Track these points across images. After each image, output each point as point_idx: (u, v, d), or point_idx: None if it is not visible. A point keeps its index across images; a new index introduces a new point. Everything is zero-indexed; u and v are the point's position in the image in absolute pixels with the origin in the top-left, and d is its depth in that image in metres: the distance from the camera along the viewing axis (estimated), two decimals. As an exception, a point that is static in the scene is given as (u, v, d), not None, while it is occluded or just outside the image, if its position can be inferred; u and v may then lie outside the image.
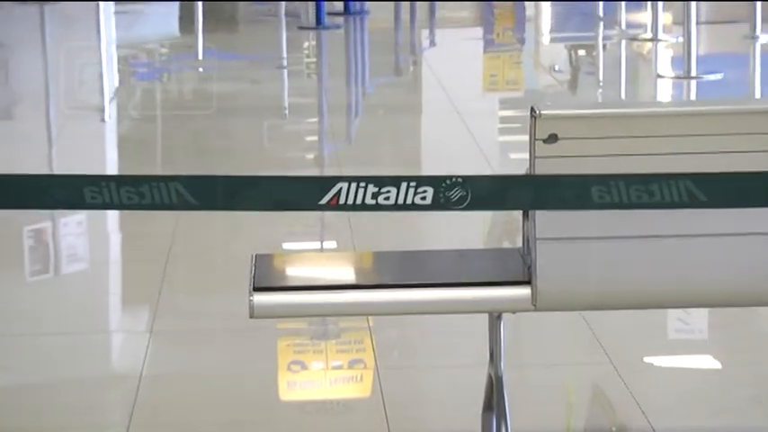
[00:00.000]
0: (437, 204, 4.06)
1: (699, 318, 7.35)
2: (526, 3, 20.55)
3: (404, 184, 4.07)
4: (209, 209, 4.34)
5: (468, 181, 4.25)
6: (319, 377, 7.18)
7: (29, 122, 13.84)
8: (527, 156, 5.41)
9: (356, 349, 7.22)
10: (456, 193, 4.18)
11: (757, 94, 13.35)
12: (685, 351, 7.45)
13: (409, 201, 4.06)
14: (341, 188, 4.07)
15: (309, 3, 17.52)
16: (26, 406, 6.98)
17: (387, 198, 4.05)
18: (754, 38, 14.56)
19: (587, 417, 6.60)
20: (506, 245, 5.80)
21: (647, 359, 7.15)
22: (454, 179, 4.18)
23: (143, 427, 6.48)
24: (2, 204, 4.14)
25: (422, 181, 4.08)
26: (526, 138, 5.42)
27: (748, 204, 4.72)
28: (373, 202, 4.04)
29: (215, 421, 6.48)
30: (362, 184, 4.06)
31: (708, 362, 7.44)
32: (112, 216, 9.08)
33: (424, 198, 4.05)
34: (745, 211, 5.02)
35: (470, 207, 4.37)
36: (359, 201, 4.03)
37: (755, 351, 7.27)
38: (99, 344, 7.91)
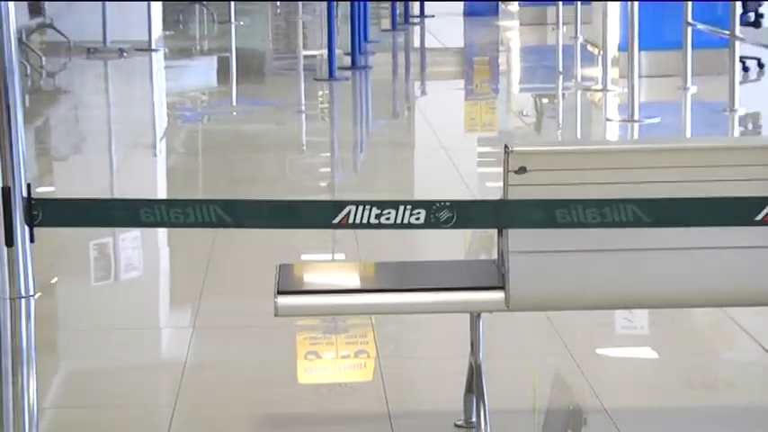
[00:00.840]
0: (428, 224, 4.07)
1: (641, 316, 7.36)
2: (500, 59, 20.54)
3: (401, 207, 4.08)
4: (241, 227, 4.33)
5: (453, 205, 4.26)
6: (330, 365, 7.17)
7: (95, 156, 13.81)
8: (501, 184, 5.40)
9: (361, 342, 7.21)
10: (444, 215, 4.19)
11: (688, 134, 13.35)
12: (630, 344, 7.46)
13: (406, 221, 4.07)
14: (350, 210, 4.08)
15: (323, 58, 17.51)
16: (91, 388, 6.96)
17: (387, 218, 4.06)
18: (685, 89, 14.54)
19: (550, 398, 6.59)
20: (483, 257, 5.79)
21: (599, 351, 7.17)
22: (442, 203, 4.18)
23: (187, 407, 6.47)
24: (74, 223, 4.12)
25: (416, 205, 4.08)
26: (500, 169, 5.42)
27: (685, 224, 4.72)
28: (376, 221, 4.05)
29: (246, 401, 6.47)
30: (367, 207, 4.06)
31: (648, 353, 7.45)
32: (162, 233, 9.06)
33: (417, 218, 4.06)
34: (682, 229, 5.02)
35: (456, 226, 4.39)
36: (365, 220, 4.04)
37: (687, 344, 7.29)
38: (150, 337, 7.89)
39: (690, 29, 14.88)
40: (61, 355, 7.36)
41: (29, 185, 3.56)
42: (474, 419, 5.73)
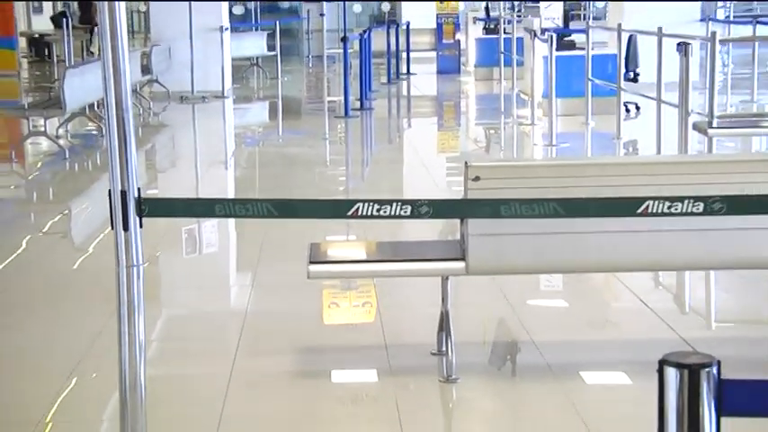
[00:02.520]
0: (413, 215, 4.05)
1: (557, 278, 7.31)
2: (461, 103, 20.49)
3: (394, 204, 4.05)
4: (285, 217, 4.29)
5: (430, 202, 4.23)
6: (345, 311, 7.13)
7: (185, 169, 13.78)
8: (462, 188, 5.36)
9: (366, 296, 7.17)
10: (424, 209, 4.16)
11: (589, 154, 13.32)
12: (549, 297, 7.44)
13: (397, 213, 4.04)
14: (359, 206, 4.05)
15: (341, 102, 17.44)
16: (181, 328, 6.95)
17: (385, 211, 4.04)
18: (587, 124, 14.49)
19: (495, 334, 6.55)
20: (450, 238, 5.77)
21: (529, 302, 7.13)
22: (422, 201, 4.15)
23: (249, 339, 6.42)
24: (170, 215, 4.11)
25: (404, 202, 4.06)
26: (462, 178, 5.40)
27: (588, 216, 4.68)
28: (377, 213, 4.03)
29: (289, 334, 6.43)
30: (371, 204, 4.03)
31: (561, 303, 7.44)
32: (231, 222, 9.01)
33: (405, 212, 4.04)
34: (588, 219, 4.99)
35: (432, 217, 4.36)
36: (369, 213, 4.02)
37: (589, 297, 7.29)
38: (223, 293, 7.85)
39: (590, 83, 14.84)
40: (161, 306, 7.33)
41: (139, 189, 3.51)
42: (444, 349, 5.70)
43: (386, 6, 32.91)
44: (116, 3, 3.47)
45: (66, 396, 5.49)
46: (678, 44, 10.53)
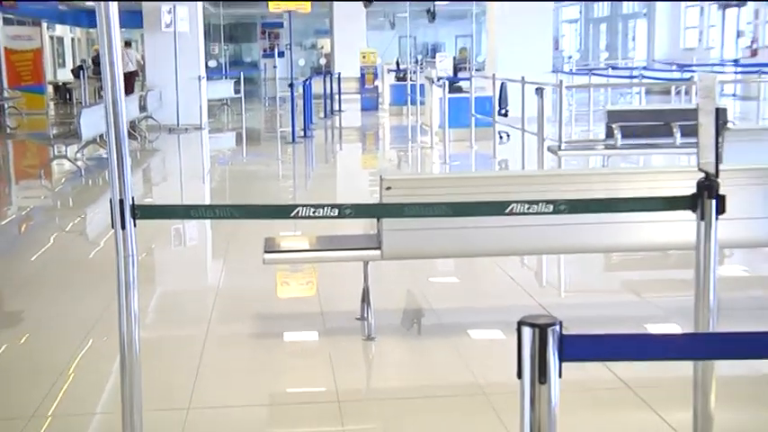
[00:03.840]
0: (341, 216, 4.01)
1: (451, 262, 7.30)
2: (378, 132, 20.49)
3: (326, 207, 4.02)
4: (245, 218, 4.24)
5: (353, 206, 4.19)
6: (293, 288, 7.10)
7: (172, 182, 13.66)
8: (379, 196, 5.34)
9: (309, 276, 7.14)
10: (348, 211, 4.13)
11: (473, 170, 13.34)
12: (444, 275, 7.38)
13: (328, 214, 4.01)
14: (299, 209, 4.01)
15: (290, 131, 17.39)
16: (167, 300, 6.86)
17: (319, 213, 3.99)
18: (471, 147, 14.53)
19: (405, 303, 6.53)
20: (371, 232, 5.75)
21: (430, 279, 7.11)
22: (347, 205, 4.13)
23: (221, 304, 6.37)
24: (159, 217, 4.07)
25: (333, 206, 4.03)
26: (378, 188, 5.38)
27: (472, 215, 4.68)
28: (314, 214, 3.97)
29: (251, 303, 6.38)
30: (309, 207, 4.00)
31: (453, 280, 7.39)
32: (207, 222, 8.95)
33: (335, 213, 4.00)
34: (470, 217, 4.99)
35: (355, 217, 4.33)
36: (307, 214, 3.97)
37: (472, 276, 7.26)
38: (201, 272, 7.81)
39: (473, 117, 14.91)
40: (153, 285, 7.26)
41: (133, 198, 3.47)
42: (365, 315, 5.68)
43: (323, 60, 32.94)
44: (115, 60, 3.45)
45: (85, 352, 5.47)
46: (536, 89, 10.64)
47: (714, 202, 3.62)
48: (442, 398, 4.78)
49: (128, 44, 24.15)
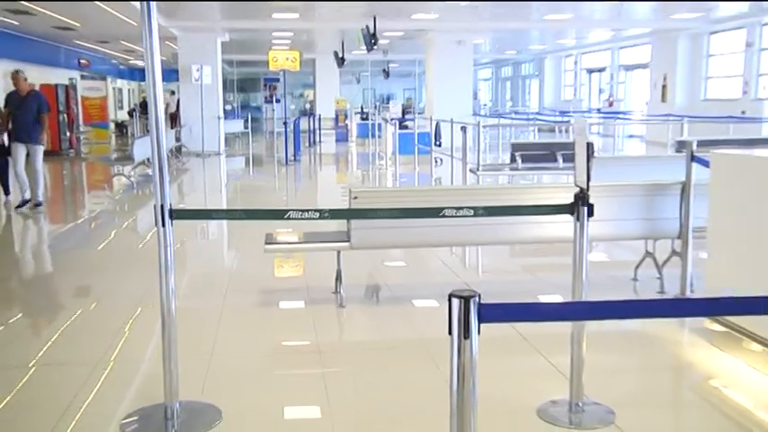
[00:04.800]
0: (321, 218, 3.99)
1: (400, 251, 7.28)
2: (348, 156, 20.44)
3: (310, 211, 3.98)
4: (251, 219, 4.20)
5: (330, 210, 4.17)
6: (286, 270, 7.04)
7: (198, 193, 13.52)
8: (348, 203, 5.31)
9: (298, 261, 7.10)
10: (326, 214, 4.11)
11: (416, 185, 13.32)
12: (395, 259, 7.30)
13: (312, 216, 3.98)
14: (290, 213, 3.98)
15: (284, 155, 17.29)
16: (196, 277, 6.80)
17: (305, 215, 3.96)
18: (415, 169, 14.52)
19: (366, 281, 6.50)
20: (343, 229, 5.73)
21: (386, 263, 7.06)
22: (325, 210, 4.11)
23: (233, 289, 6.32)
24: (189, 218, 4.05)
25: (315, 210, 4.00)
26: (347, 197, 5.34)
27: (416, 217, 4.68)
28: (301, 217, 3.94)
29: (253, 280, 6.33)
30: (298, 211, 3.97)
31: (401, 264, 7.31)
32: (224, 222, 8.89)
33: (315, 216, 3.98)
34: (416, 219, 4.97)
35: (331, 218, 4.30)
36: (297, 216, 3.93)
37: (417, 262, 7.23)
38: (219, 256, 7.76)
39: (416, 147, 14.91)
40: (186, 268, 7.19)
41: (171, 204, 3.43)
42: (338, 290, 5.66)
43: (308, 105, 32.88)
44: (158, 104, 3.42)
45: (137, 315, 5.44)
46: (461, 127, 10.65)
47: (586, 208, 3.66)
48: (394, 348, 4.78)
49: (172, 92, 23.90)
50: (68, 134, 19.78)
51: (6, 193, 10.70)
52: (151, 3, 3.38)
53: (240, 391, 4.12)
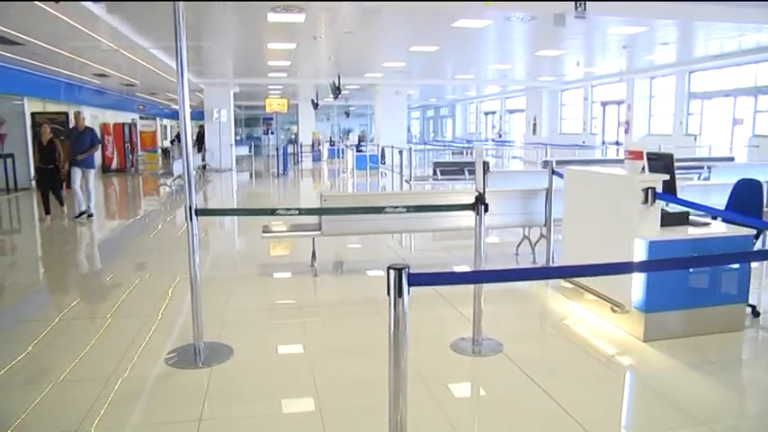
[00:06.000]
0: (300, 214, 3.93)
1: (358, 237, 7.19)
2: (321, 172, 20.26)
3: (292, 210, 3.93)
4: (252, 215, 4.13)
5: (307, 209, 4.11)
6: (279, 250, 6.93)
7: (217, 197, 13.18)
8: (320, 203, 5.24)
9: (286, 244, 7.00)
10: (303, 210, 4.05)
11: (368, 191, 13.25)
12: (351, 243, 7.19)
13: (294, 213, 3.92)
14: (279, 210, 3.93)
15: (278, 169, 17.03)
16: (211, 258, 6.63)
17: (288, 212, 3.91)
18: (367, 179, 14.39)
19: (334, 258, 6.39)
20: (317, 222, 5.67)
21: (347, 246, 6.96)
22: (304, 208, 4.05)
23: (240, 265, 6.20)
24: (210, 215, 3.95)
25: (297, 208, 3.94)
26: (319, 199, 5.26)
27: (369, 213, 4.65)
28: (286, 213, 3.89)
29: (253, 256, 6.23)
30: (284, 209, 3.91)
31: (357, 246, 7.22)
32: (236, 218, 8.70)
33: (296, 213, 3.93)
34: (368, 214, 4.92)
35: (308, 214, 4.23)
36: (283, 213, 3.88)
37: (371, 242, 7.09)
38: (229, 244, 7.57)
39: (368, 164, 14.80)
40: (207, 250, 7.02)
41: (196, 205, 3.36)
42: (314, 265, 5.60)
43: (292, 136, 32.42)
44: (187, 135, 3.33)
45: (176, 284, 5.29)
46: (399, 150, 10.64)
47: (483, 206, 3.68)
48: (353, 305, 4.74)
49: (201, 126, 23.54)
50: (131, 157, 20.08)
51: (61, 203, 9.86)
52: (183, 66, 3.32)
53: (246, 334, 4.06)
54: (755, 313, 4.23)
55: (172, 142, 27.53)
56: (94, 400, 3.07)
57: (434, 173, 10.43)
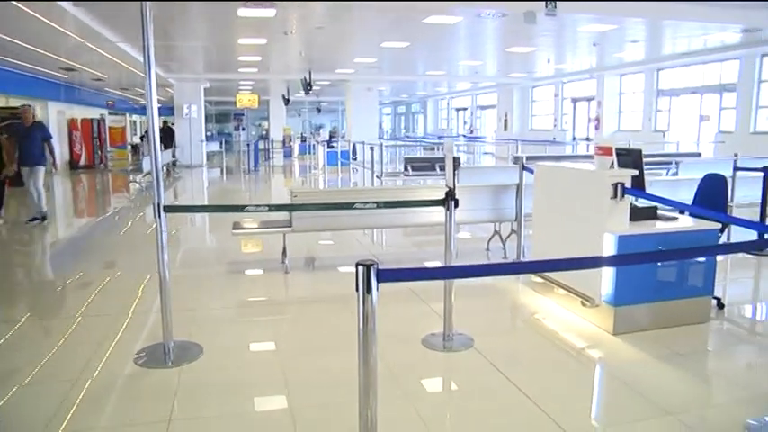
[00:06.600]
0: (270, 210, 3.92)
1: (330, 233, 7.17)
2: (293, 169, 20.10)
3: (263, 206, 3.89)
4: (222, 212, 4.07)
5: (278, 206, 4.08)
6: (249, 247, 6.85)
7: (186, 193, 12.97)
8: (290, 199, 5.19)
9: (257, 241, 6.92)
10: (274, 208, 4.02)
11: (339, 187, 13.19)
12: (327, 239, 7.15)
13: (263, 209, 3.88)
14: (249, 207, 3.88)
15: (249, 165, 16.86)
16: (181, 255, 6.54)
17: (261, 209, 3.87)
18: (338, 175, 14.31)
19: (305, 254, 6.36)
20: (287, 218, 5.62)
21: (320, 242, 6.92)
22: (274, 204, 4.02)
23: (214, 262, 6.12)
24: (177, 211, 3.89)
25: (267, 205, 3.91)
26: (290, 195, 5.21)
27: (340, 209, 4.62)
28: (255, 209, 3.84)
29: (223, 253, 6.16)
30: (254, 206, 3.86)
31: (331, 242, 7.18)
32: (206, 215, 8.58)
33: (266, 209, 3.90)
34: (340, 210, 4.89)
35: (278, 211, 4.21)
36: (252, 210, 3.84)
37: (343, 239, 7.06)
38: (201, 239, 7.46)
39: (340, 160, 14.72)
40: (176, 247, 6.91)
41: (164, 202, 3.30)
42: (285, 261, 5.55)
43: (263, 132, 32.12)
44: (155, 130, 3.27)
45: (148, 281, 5.18)
46: (370, 146, 10.60)
47: (453, 202, 3.70)
48: (323, 301, 4.72)
49: (172, 123, 23.06)
50: (100, 153, 19.73)
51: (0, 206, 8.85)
52: (151, 59, 3.25)
53: (216, 333, 4.00)
54: (720, 305, 4.34)
55: (141, 138, 26.98)
56: (62, 402, 3.00)
57: (405, 169, 10.43)
